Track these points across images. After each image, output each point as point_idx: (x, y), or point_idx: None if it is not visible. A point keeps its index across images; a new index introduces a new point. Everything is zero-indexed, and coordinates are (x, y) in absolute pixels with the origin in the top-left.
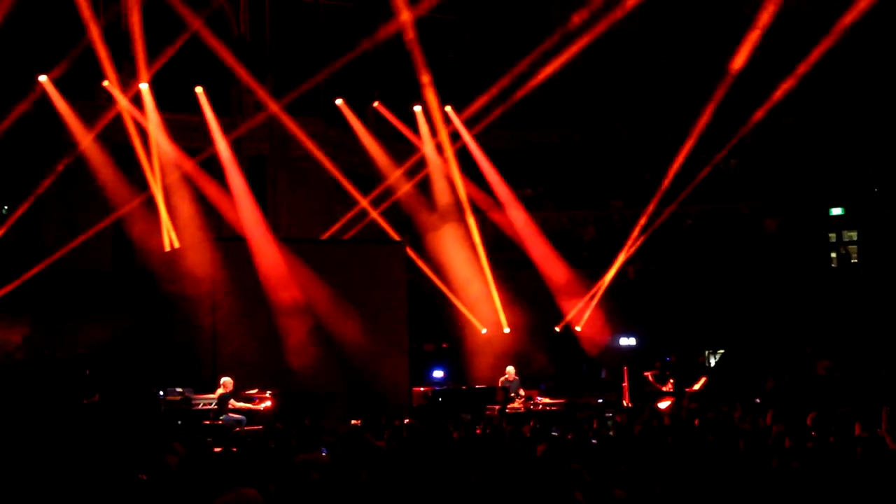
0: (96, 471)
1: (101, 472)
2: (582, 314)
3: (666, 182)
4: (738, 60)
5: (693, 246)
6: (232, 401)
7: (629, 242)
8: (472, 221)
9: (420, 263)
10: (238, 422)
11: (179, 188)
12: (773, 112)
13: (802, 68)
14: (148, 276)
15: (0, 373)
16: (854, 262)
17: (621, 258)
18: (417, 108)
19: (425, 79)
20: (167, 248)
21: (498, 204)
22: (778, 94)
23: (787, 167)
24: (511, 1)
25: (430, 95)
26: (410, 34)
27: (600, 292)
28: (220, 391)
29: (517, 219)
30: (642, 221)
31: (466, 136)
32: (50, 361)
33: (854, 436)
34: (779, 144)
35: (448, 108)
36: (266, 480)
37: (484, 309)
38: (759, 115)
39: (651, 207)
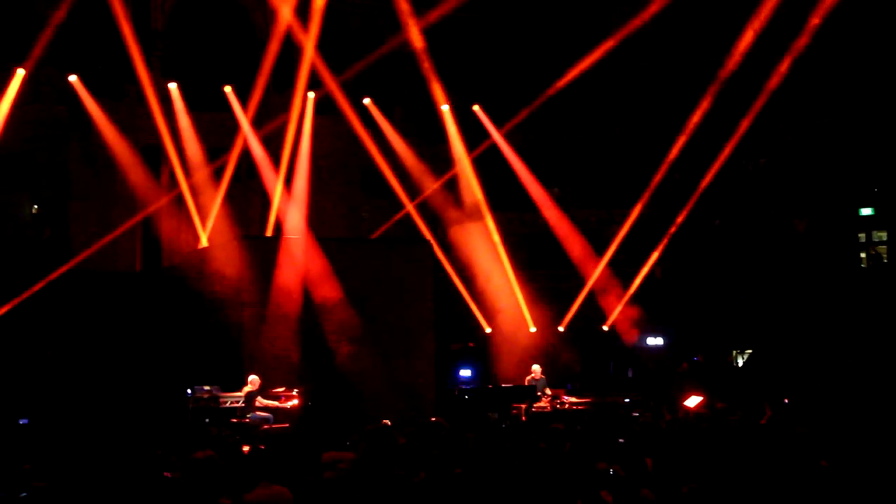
0: (123, 468)
1: (128, 470)
2: (610, 313)
3: (703, 184)
4: (782, 66)
5: (721, 246)
6: (259, 398)
7: (659, 243)
8: (490, 221)
9: (445, 263)
10: (265, 419)
11: (208, 187)
12: (806, 113)
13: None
14: (176, 274)
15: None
16: (885, 263)
17: (651, 258)
18: (445, 108)
19: (435, 82)
20: (202, 246)
21: (528, 203)
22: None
23: (816, 167)
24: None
25: (441, 95)
26: (420, 44)
27: (629, 292)
28: (247, 389)
29: (546, 218)
30: (678, 221)
31: (495, 135)
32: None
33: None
34: (808, 145)
35: (476, 108)
36: (294, 477)
37: (509, 308)
38: (794, 117)
39: (686, 210)
